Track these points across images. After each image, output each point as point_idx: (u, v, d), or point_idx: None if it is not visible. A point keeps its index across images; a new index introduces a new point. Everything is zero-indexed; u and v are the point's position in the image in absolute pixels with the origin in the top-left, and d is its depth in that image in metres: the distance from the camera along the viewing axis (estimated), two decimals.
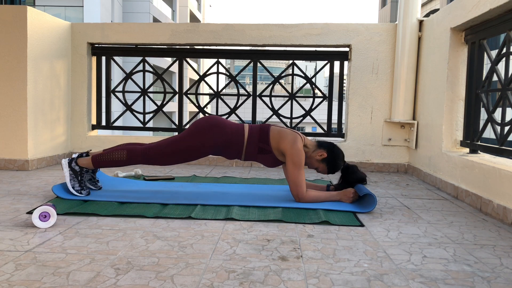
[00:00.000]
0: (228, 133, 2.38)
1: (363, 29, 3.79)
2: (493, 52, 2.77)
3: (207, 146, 2.37)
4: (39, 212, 1.84)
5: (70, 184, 2.37)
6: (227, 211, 2.17)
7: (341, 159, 2.48)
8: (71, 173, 2.39)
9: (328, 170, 2.47)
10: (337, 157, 2.46)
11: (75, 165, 2.41)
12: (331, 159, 2.44)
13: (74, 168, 2.40)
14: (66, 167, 2.39)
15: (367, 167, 3.82)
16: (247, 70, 4.17)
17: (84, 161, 2.43)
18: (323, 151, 2.43)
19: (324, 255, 1.59)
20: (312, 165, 2.47)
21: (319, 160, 2.44)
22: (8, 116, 3.37)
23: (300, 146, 2.35)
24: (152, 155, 2.38)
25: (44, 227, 1.84)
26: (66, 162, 2.41)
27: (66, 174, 2.39)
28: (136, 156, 2.39)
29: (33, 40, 3.39)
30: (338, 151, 2.48)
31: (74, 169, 2.40)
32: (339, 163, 2.46)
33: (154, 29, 3.95)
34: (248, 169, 3.76)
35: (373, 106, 3.82)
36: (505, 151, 2.41)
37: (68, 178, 2.38)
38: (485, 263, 1.56)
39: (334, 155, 2.45)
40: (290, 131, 2.43)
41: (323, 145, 2.47)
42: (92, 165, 2.42)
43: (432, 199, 2.67)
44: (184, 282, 1.32)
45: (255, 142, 2.40)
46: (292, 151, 2.33)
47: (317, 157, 2.43)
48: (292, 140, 2.35)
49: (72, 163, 2.41)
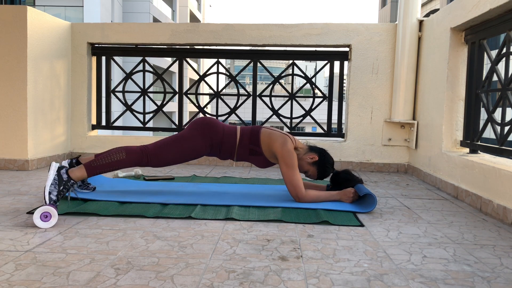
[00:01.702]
0: (221, 133, 2.42)
1: (363, 29, 3.79)
2: (493, 52, 2.77)
3: (202, 145, 2.39)
4: (41, 212, 1.83)
5: (48, 189, 2.03)
6: (227, 211, 2.17)
7: (331, 164, 2.48)
8: (55, 178, 2.09)
9: (318, 174, 2.47)
10: (328, 162, 2.46)
11: (64, 173, 2.13)
12: (322, 162, 2.44)
13: (62, 175, 2.12)
14: (54, 169, 2.12)
15: (367, 167, 3.82)
16: (247, 70, 4.17)
17: (78, 173, 2.18)
18: (315, 154, 2.44)
19: (324, 255, 1.59)
20: (302, 168, 2.46)
21: (310, 163, 2.44)
22: (8, 116, 3.37)
23: (291, 147, 2.36)
24: (151, 154, 2.36)
25: (45, 227, 1.83)
26: (56, 165, 2.14)
27: (50, 176, 2.08)
28: (135, 155, 2.34)
29: (33, 40, 3.39)
30: (329, 156, 2.49)
31: (61, 176, 2.11)
32: (329, 168, 2.47)
33: (154, 29, 3.95)
34: (248, 169, 3.76)
35: (373, 106, 3.82)
36: (505, 151, 2.41)
37: (50, 182, 2.07)
38: (485, 263, 1.56)
39: (325, 160, 2.46)
40: (280, 133, 2.44)
41: (314, 149, 2.48)
42: (86, 173, 2.22)
43: (432, 199, 2.67)
44: (184, 282, 1.32)
45: (246, 144, 2.42)
46: (283, 152, 2.34)
47: (308, 159, 2.43)
48: (282, 142, 2.36)
49: (62, 170, 2.14)
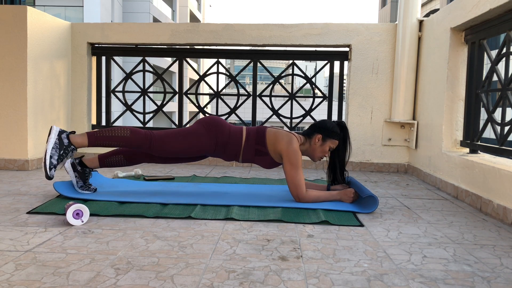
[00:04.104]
0: (227, 133, 2.40)
1: (363, 29, 3.79)
2: (493, 52, 2.77)
3: (207, 143, 2.38)
4: (72, 211, 1.89)
5: (50, 153, 2.04)
6: (227, 211, 2.17)
7: (328, 122, 2.45)
8: (56, 141, 2.07)
9: (337, 143, 2.44)
10: (329, 127, 2.42)
11: (65, 138, 2.12)
12: (326, 132, 2.41)
13: (62, 139, 2.10)
14: (55, 133, 2.07)
15: (367, 167, 3.82)
16: (247, 70, 4.17)
17: (79, 139, 2.17)
18: (316, 135, 2.42)
19: (324, 255, 1.59)
20: (322, 153, 2.44)
21: (321, 144, 2.42)
22: (8, 116, 3.37)
23: (296, 147, 2.35)
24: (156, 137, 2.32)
25: (78, 224, 1.89)
26: (57, 129, 2.11)
27: (51, 140, 2.05)
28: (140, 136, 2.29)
29: (33, 40, 3.39)
30: (319, 121, 2.46)
31: (62, 140, 2.10)
32: (335, 128, 2.42)
33: (154, 29, 3.95)
34: (248, 169, 3.76)
35: (373, 106, 3.82)
36: (505, 151, 2.41)
37: (51, 145, 2.05)
38: (485, 263, 1.56)
39: (327, 128, 2.42)
40: (286, 132, 2.43)
41: (309, 133, 2.45)
42: (87, 141, 2.19)
43: (432, 199, 2.67)
44: (184, 282, 1.32)
45: (252, 144, 2.41)
46: (288, 152, 2.33)
47: (317, 143, 2.41)
48: (288, 141, 2.36)
49: (63, 134, 2.12)
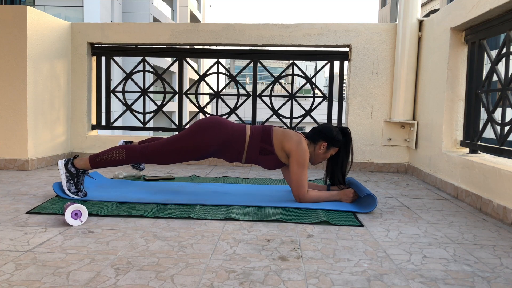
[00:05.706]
0: (229, 132, 2.37)
1: (363, 29, 3.79)
2: (493, 52, 2.77)
3: (208, 145, 2.35)
4: (71, 211, 1.89)
5: (66, 187, 2.33)
6: (227, 211, 2.17)
7: (334, 130, 2.44)
8: (67, 175, 2.34)
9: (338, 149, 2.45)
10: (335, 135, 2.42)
11: (72, 167, 2.35)
12: (332, 141, 2.42)
13: (70, 170, 2.35)
14: (62, 169, 2.35)
15: (367, 167, 3.82)
16: (247, 70, 4.17)
17: (81, 162, 2.37)
18: (321, 142, 2.42)
19: (324, 255, 1.59)
20: (323, 159, 2.47)
21: (325, 152, 2.43)
22: (8, 116, 3.37)
23: (306, 147, 2.36)
24: (150, 154, 2.37)
25: (77, 224, 1.89)
26: (62, 163, 2.35)
27: (63, 176, 2.34)
28: (135, 155, 2.38)
29: (33, 40, 3.39)
30: (326, 128, 2.45)
31: (70, 171, 2.34)
32: (338, 136, 2.43)
33: (154, 29, 3.95)
34: (248, 169, 3.76)
35: (373, 106, 3.82)
36: (505, 151, 2.41)
37: (64, 180, 2.33)
38: (485, 263, 1.56)
39: (333, 137, 2.42)
40: (294, 132, 2.44)
41: (314, 138, 2.44)
42: (89, 165, 2.37)
43: (432, 199, 2.67)
44: (184, 282, 1.32)
45: (257, 142, 2.38)
46: (297, 151, 2.33)
47: (321, 150, 2.42)
48: (298, 141, 2.36)
49: (69, 164, 2.35)
